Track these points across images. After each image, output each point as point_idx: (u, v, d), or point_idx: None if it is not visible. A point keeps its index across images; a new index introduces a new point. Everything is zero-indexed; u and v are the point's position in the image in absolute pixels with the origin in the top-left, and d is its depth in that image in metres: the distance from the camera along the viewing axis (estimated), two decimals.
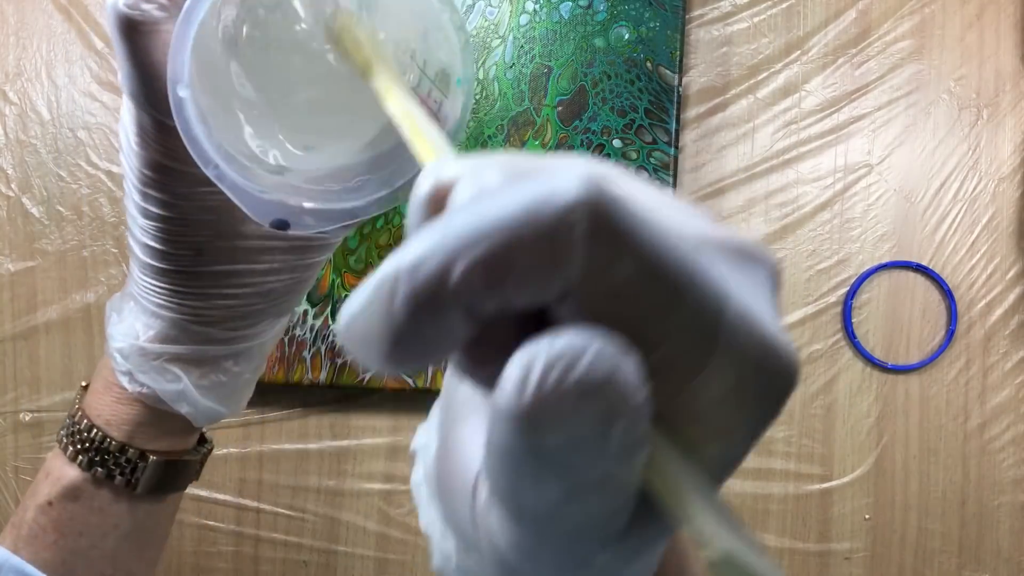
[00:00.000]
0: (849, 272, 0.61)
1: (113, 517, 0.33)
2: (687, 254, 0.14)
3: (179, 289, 0.31)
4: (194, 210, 0.29)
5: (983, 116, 0.61)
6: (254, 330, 0.33)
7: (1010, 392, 0.60)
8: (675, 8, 0.58)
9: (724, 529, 0.14)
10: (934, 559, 0.61)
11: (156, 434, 0.33)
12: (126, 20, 0.26)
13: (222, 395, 0.33)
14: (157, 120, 0.27)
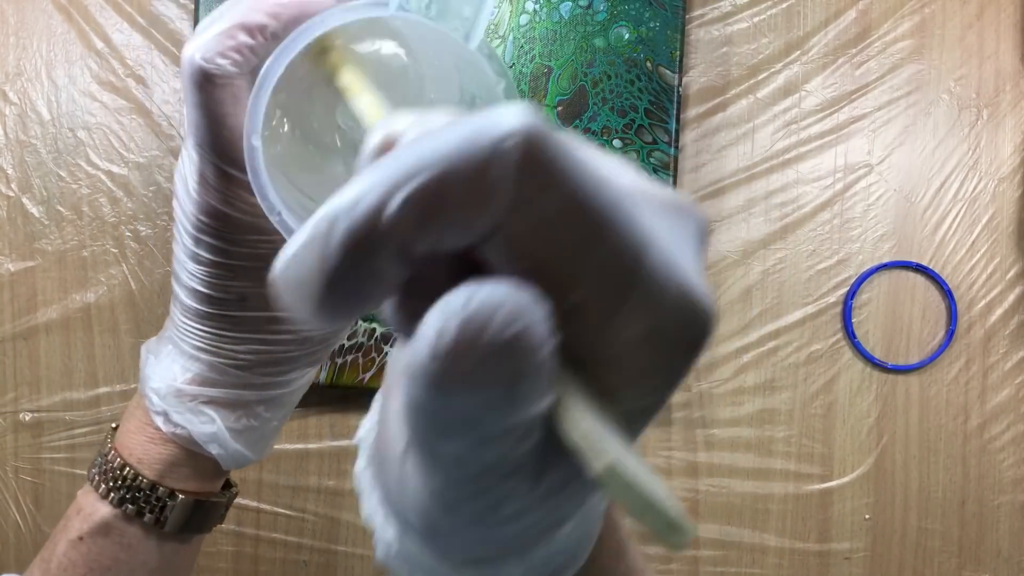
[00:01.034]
0: (849, 272, 0.61)
1: (142, 554, 0.34)
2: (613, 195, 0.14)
3: (221, 333, 0.32)
4: (244, 257, 0.30)
5: (983, 116, 0.61)
6: (287, 377, 0.34)
7: (1010, 392, 0.60)
8: (675, 8, 0.58)
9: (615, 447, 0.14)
10: (934, 559, 0.61)
11: (186, 475, 0.34)
12: (201, 72, 0.27)
13: (252, 440, 0.35)
14: (220, 169, 0.29)
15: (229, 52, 0.27)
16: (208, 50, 0.27)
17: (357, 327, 0.58)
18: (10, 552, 0.61)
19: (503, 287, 0.13)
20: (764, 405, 0.61)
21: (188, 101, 0.28)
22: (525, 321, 0.13)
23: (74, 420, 0.61)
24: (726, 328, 0.61)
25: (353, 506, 0.61)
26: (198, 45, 0.27)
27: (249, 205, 0.29)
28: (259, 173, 0.26)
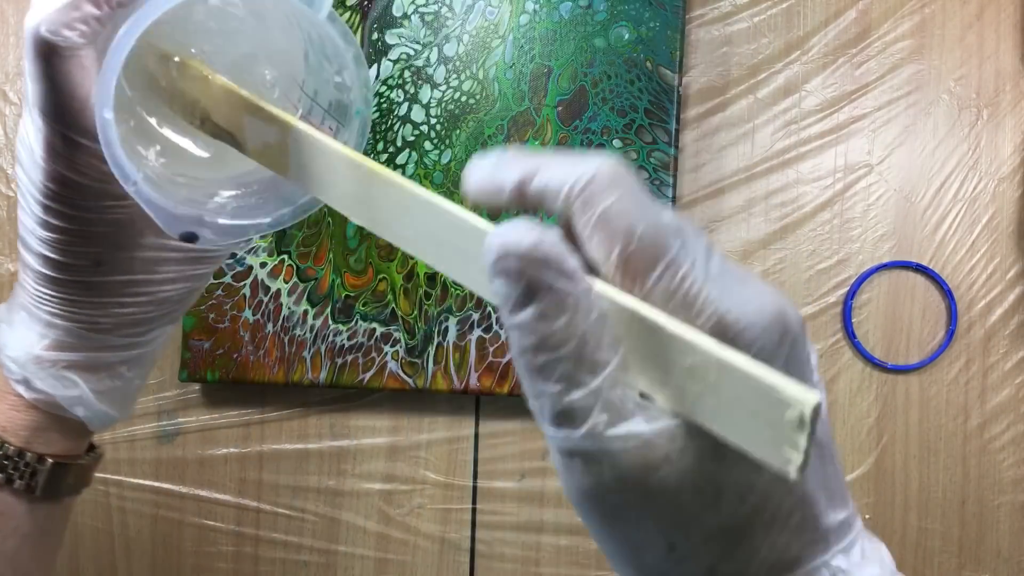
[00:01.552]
0: (849, 272, 0.61)
1: (14, 520, 0.34)
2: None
3: (76, 299, 0.32)
4: (96, 223, 0.30)
5: (983, 116, 0.61)
6: (147, 337, 0.34)
7: (1010, 392, 0.60)
8: (675, 8, 0.58)
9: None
10: (934, 559, 0.61)
11: (53, 439, 0.34)
12: (46, 44, 0.27)
13: (115, 399, 0.35)
14: (68, 138, 0.28)
15: (75, 24, 0.27)
16: (53, 22, 0.27)
17: (357, 326, 0.58)
18: None
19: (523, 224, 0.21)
20: None
21: (32, 72, 0.29)
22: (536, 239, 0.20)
23: None
24: None
25: (353, 506, 0.61)
26: (42, 17, 0.27)
27: (99, 172, 0.29)
28: (112, 145, 0.26)
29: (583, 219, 0.22)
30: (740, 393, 0.19)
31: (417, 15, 0.58)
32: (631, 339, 0.21)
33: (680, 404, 0.21)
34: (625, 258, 0.21)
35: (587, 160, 0.22)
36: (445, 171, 0.58)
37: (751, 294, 0.21)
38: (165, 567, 0.61)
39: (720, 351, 0.20)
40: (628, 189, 0.22)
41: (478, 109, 0.58)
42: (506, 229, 0.21)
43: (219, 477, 0.61)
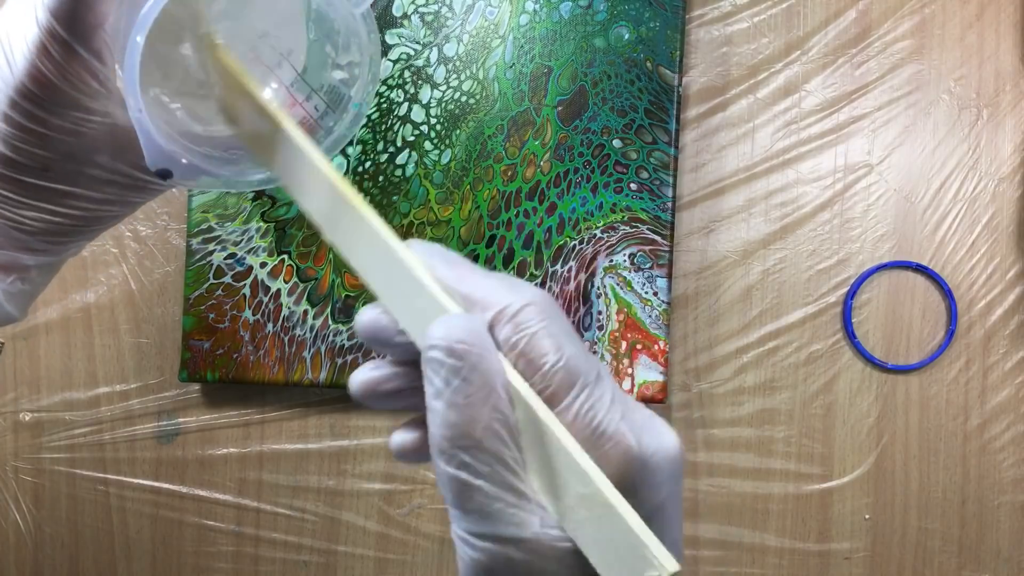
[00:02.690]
0: (849, 272, 0.61)
1: None
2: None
3: (12, 196, 0.32)
4: (60, 130, 0.30)
5: (983, 116, 0.61)
6: (65, 248, 0.35)
7: (1010, 392, 0.60)
8: (675, 8, 0.58)
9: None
10: (934, 559, 0.61)
11: None
12: None
13: (19, 301, 0.35)
14: (69, 45, 0.28)
15: None
16: None
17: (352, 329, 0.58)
18: (10, 552, 0.61)
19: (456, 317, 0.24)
20: (764, 405, 0.61)
21: None
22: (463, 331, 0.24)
23: (74, 420, 0.61)
24: (726, 328, 0.61)
25: (353, 506, 0.61)
26: None
27: (85, 85, 0.29)
28: (133, 69, 0.27)
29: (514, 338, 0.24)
30: (615, 535, 0.22)
31: (417, 15, 0.58)
32: (539, 448, 0.23)
33: (566, 521, 0.23)
34: (548, 377, 0.23)
35: (525, 288, 0.25)
36: (445, 171, 0.58)
37: (660, 431, 0.24)
38: (165, 567, 0.61)
39: (610, 492, 0.22)
40: (559, 319, 0.24)
41: (478, 109, 0.58)
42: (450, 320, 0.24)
43: (219, 477, 0.61)
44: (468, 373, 0.23)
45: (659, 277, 0.58)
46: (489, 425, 0.23)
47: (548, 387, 0.24)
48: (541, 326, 0.24)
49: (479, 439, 0.23)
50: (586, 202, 0.58)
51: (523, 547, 0.23)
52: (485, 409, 0.23)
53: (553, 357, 0.23)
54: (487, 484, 0.23)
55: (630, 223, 0.58)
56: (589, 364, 0.24)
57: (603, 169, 0.58)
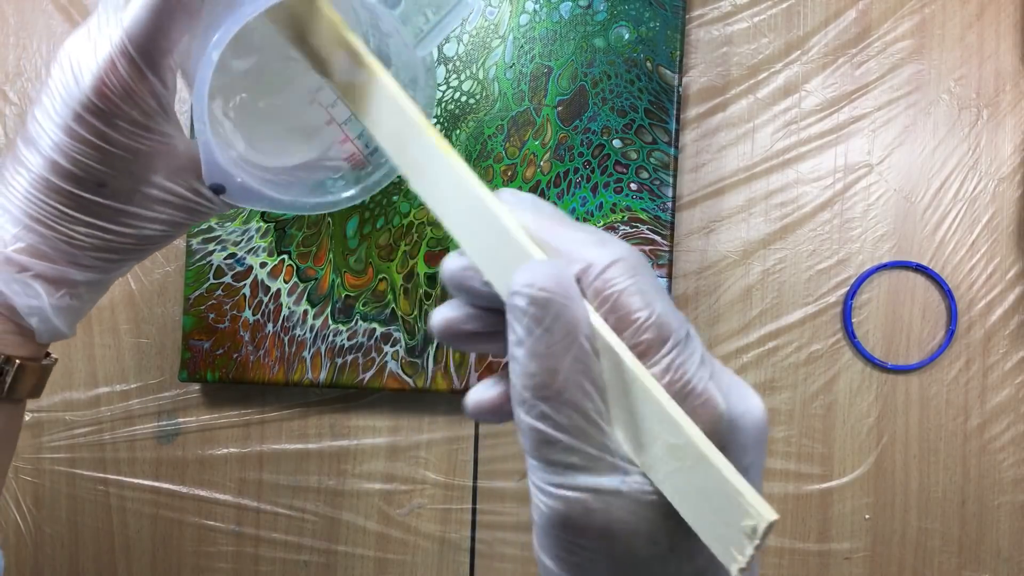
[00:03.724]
0: (849, 272, 0.61)
1: None
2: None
3: (66, 211, 0.33)
4: (120, 146, 0.31)
5: (983, 116, 0.61)
6: (114, 266, 0.36)
7: (1010, 392, 0.60)
8: (675, 8, 0.58)
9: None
10: (934, 559, 0.61)
11: (16, 343, 0.35)
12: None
13: (68, 317, 0.36)
14: (137, 66, 0.30)
15: None
16: None
17: (357, 326, 0.58)
18: (10, 552, 0.61)
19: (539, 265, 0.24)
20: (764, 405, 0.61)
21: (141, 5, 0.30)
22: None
23: (74, 420, 0.61)
24: (726, 328, 0.61)
25: (353, 506, 0.61)
26: None
27: (147, 105, 0.31)
28: (204, 84, 0.28)
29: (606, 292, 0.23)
30: (710, 486, 0.21)
31: None
32: (625, 399, 0.23)
33: (653, 472, 0.23)
34: (639, 332, 0.23)
35: (615, 243, 0.24)
36: None
37: (747, 394, 0.24)
38: (165, 567, 0.61)
39: (704, 443, 0.22)
40: (649, 276, 0.24)
41: (478, 109, 0.58)
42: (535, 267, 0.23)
43: (219, 477, 0.61)
44: (551, 323, 0.22)
45: (659, 277, 0.58)
46: (571, 376, 0.22)
47: (639, 343, 0.23)
48: (631, 282, 0.23)
49: (560, 389, 0.22)
50: (586, 202, 0.58)
51: (602, 497, 0.22)
52: (567, 359, 0.22)
53: (645, 313, 0.23)
54: (567, 436, 0.22)
55: (630, 223, 0.58)
56: (679, 323, 0.23)
57: (603, 169, 0.58)
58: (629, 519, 0.22)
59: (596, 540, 0.23)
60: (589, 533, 0.23)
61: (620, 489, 0.22)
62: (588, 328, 0.23)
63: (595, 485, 0.22)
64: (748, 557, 0.21)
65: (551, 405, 0.22)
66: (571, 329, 0.22)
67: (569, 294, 0.23)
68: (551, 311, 0.22)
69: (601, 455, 0.22)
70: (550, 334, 0.22)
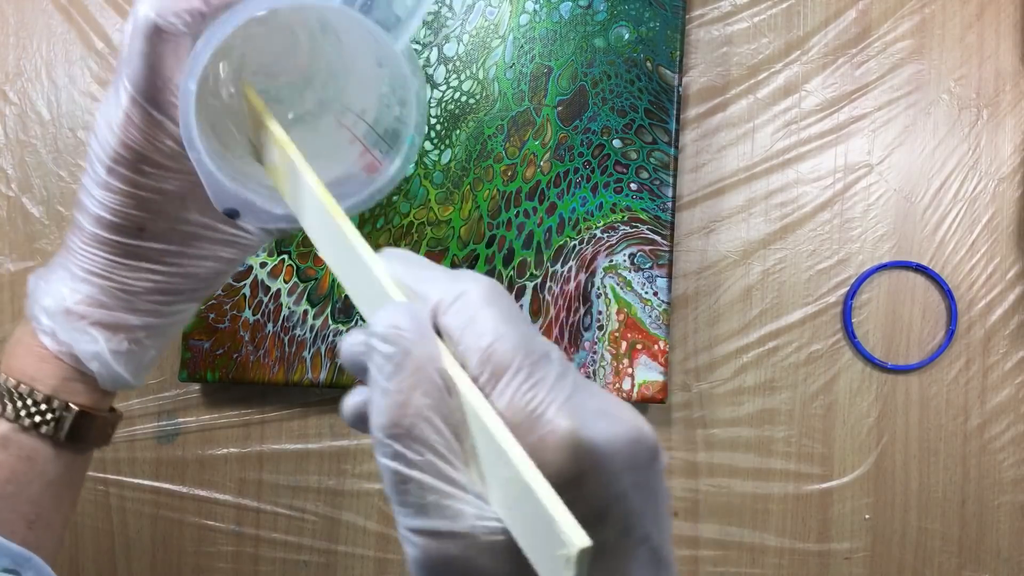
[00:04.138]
0: (849, 272, 0.61)
1: (40, 464, 0.37)
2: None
3: (114, 259, 0.35)
4: (150, 189, 0.34)
5: (983, 116, 0.61)
6: (171, 308, 0.37)
7: (1010, 392, 0.60)
8: (675, 8, 0.58)
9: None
10: (934, 559, 0.61)
11: (78, 389, 0.37)
12: (153, 26, 0.31)
13: (130, 363, 0.38)
14: (147, 111, 0.32)
15: (181, 13, 0.31)
16: (162, 8, 0.31)
17: (357, 326, 0.58)
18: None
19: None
20: (764, 405, 0.61)
21: (133, 49, 0.32)
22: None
23: None
24: (726, 328, 0.61)
25: (353, 506, 0.61)
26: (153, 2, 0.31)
27: (166, 147, 0.33)
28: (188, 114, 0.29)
29: (452, 325, 0.23)
30: (534, 516, 0.20)
31: None
32: (473, 435, 0.22)
33: (500, 511, 0.22)
34: (481, 364, 0.23)
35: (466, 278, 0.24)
36: (445, 171, 0.59)
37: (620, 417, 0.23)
38: (165, 567, 0.61)
39: (527, 471, 0.20)
40: (497, 306, 0.23)
41: (478, 109, 0.58)
42: (386, 308, 0.23)
43: (219, 477, 0.61)
44: (402, 359, 0.22)
45: (659, 277, 0.58)
46: (420, 412, 0.22)
47: (483, 372, 0.23)
48: (477, 311, 0.23)
49: (409, 426, 0.22)
50: (586, 202, 0.58)
51: (459, 541, 0.22)
52: (416, 395, 0.22)
53: (487, 340, 0.23)
54: (421, 474, 0.22)
55: (630, 223, 0.58)
56: (531, 347, 0.23)
57: (603, 169, 0.58)
58: (488, 565, 0.22)
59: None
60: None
61: (475, 532, 0.22)
62: (439, 364, 0.23)
63: (451, 528, 0.22)
64: None
65: (402, 443, 0.22)
66: (421, 365, 0.22)
67: (420, 331, 0.23)
68: (401, 347, 0.22)
69: (454, 492, 0.22)
70: (401, 371, 0.22)
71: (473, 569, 0.22)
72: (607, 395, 0.24)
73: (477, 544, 0.22)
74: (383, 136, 0.34)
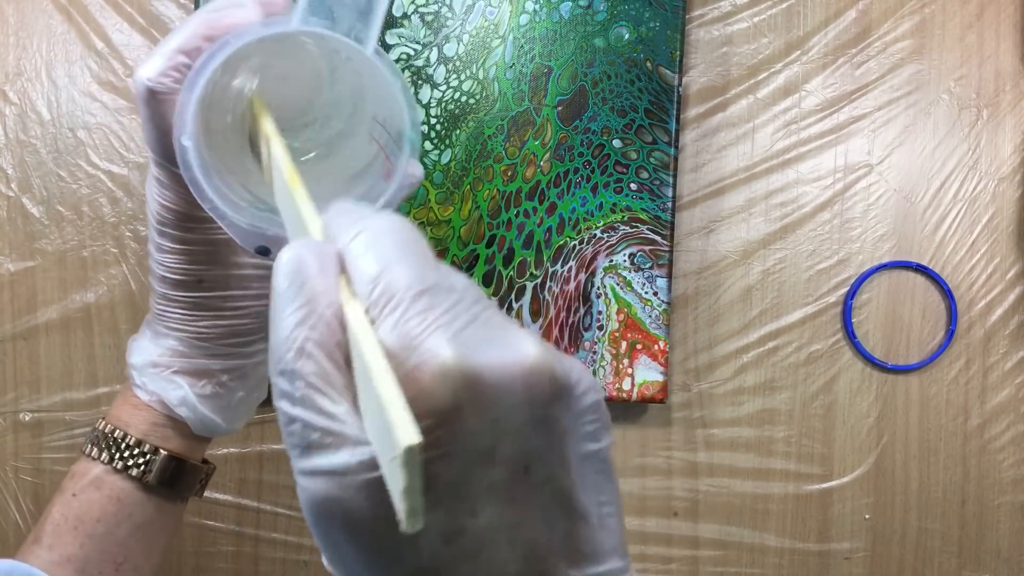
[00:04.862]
0: (849, 272, 0.61)
1: (128, 507, 0.39)
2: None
3: (183, 313, 0.38)
4: (198, 243, 0.36)
5: (983, 116, 0.61)
6: (248, 349, 0.40)
7: (1010, 392, 0.60)
8: (675, 8, 0.58)
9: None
10: (934, 559, 0.61)
11: (168, 435, 0.39)
12: (148, 90, 0.33)
13: (218, 406, 0.40)
14: (169, 170, 0.34)
15: (170, 71, 0.32)
16: (153, 71, 0.33)
17: None
18: (10, 553, 0.61)
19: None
20: (764, 405, 0.61)
21: (141, 116, 0.34)
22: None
23: (74, 420, 0.61)
24: (726, 328, 0.61)
25: None
26: (145, 67, 0.33)
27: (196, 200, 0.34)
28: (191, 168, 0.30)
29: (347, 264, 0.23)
30: (384, 430, 0.18)
31: (417, 15, 0.58)
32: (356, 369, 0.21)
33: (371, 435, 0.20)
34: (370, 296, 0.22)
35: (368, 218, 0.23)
36: (445, 171, 0.59)
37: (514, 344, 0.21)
38: (165, 567, 0.61)
39: (377, 380, 0.18)
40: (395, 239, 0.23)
41: (478, 109, 0.58)
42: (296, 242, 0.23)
43: (219, 477, 0.61)
44: (293, 294, 0.22)
45: (659, 277, 0.58)
46: (305, 346, 0.21)
47: (372, 303, 0.21)
48: (372, 244, 0.22)
49: (292, 360, 0.21)
50: (586, 202, 0.58)
51: (338, 480, 0.20)
52: (302, 330, 0.21)
53: (376, 269, 0.22)
54: (303, 411, 0.21)
55: (630, 223, 0.58)
56: (426, 276, 0.21)
57: (603, 169, 0.58)
58: (365, 504, 0.20)
59: (342, 531, 0.21)
60: (335, 523, 0.21)
61: (352, 465, 0.20)
62: (332, 298, 0.22)
63: (330, 465, 0.20)
64: (402, 499, 0.17)
65: (286, 378, 0.21)
66: (311, 299, 0.22)
67: (319, 267, 0.22)
68: (293, 283, 0.22)
69: (334, 428, 0.20)
70: (291, 305, 0.22)
71: (354, 510, 0.20)
72: (515, 329, 0.21)
73: (355, 483, 0.20)
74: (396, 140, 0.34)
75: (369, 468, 0.20)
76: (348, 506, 0.20)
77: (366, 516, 0.20)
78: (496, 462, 0.21)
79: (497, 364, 0.20)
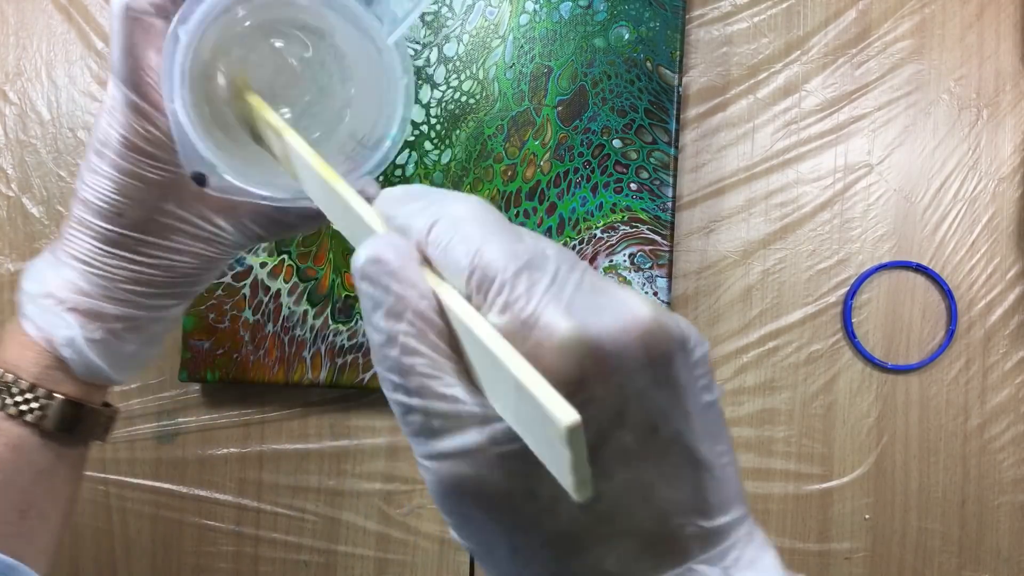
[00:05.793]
0: (849, 272, 0.61)
1: (27, 454, 0.37)
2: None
3: (95, 244, 0.36)
4: (132, 176, 0.34)
5: (983, 116, 0.61)
6: (149, 301, 0.37)
7: (1010, 392, 0.60)
8: (675, 8, 0.58)
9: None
10: (934, 559, 0.61)
11: (61, 379, 0.37)
12: (126, 10, 0.32)
13: (106, 352, 0.37)
14: (128, 98, 0.33)
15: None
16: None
17: (357, 326, 0.58)
18: None
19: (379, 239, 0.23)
20: (764, 405, 0.61)
21: (112, 35, 0.33)
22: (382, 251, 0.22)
23: None
24: (726, 328, 0.61)
25: (353, 506, 0.61)
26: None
27: (149, 133, 0.33)
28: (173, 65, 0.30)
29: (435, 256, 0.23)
30: (529, 410, 0.19)
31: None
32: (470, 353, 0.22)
33: (507, 416, 0.21)
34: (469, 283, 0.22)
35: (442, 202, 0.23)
36: (445, 171, 0.59)
37: (624, 308, 0.21)
38: (165, 567, 0.61)
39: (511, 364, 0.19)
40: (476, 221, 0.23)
41: (478, 109, 0.58)
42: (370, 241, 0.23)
43: (219, 477, 0.61)
44: (381, 294, 0.22)
45: (659, 277, 0.58)
46: (407, 340, 0.21)
47: (472, 290, 0.22)
48: (456, 232, 0.22)
49: (399, 355, 0.22)
50: (586, 202, 0.58)
51: (469, 459, 0.21)
52: (401, 326, 0.22)
53: (466, 260, 0.22)
54: (421, 400, 0.21)
55: (630, 223, 0.58)
56: (518, 252, 0.21)
57: (603, 169, 0.58)
58: (500, 478, 0.21)
59: (476, 508, 0.22)
60: (468, 501, 0.22)
61: (480, 445, 0.21)
62: (422, 290, 0.22)
63: (459, 446, 0.21)
64: (573, 472, 0.18)
65: (397, 373, 0.22)
66: (401, 295, 0.22)
67: (401, 262, 0.22)
68: (379, 282, 0.22)
69: (457, 411, 0.21)
70: (381, 305, 0.22)
71: (487, 484, 0.21)
72: (619, 289, 0.21)
73: (487, 458, 0.21)
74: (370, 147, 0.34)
75: (500, 443, 0.21)
76: (482, 481, 0.21)
77: (501, 489, 0.21)
78: (625, 425, 0.21)
79: (615, 330, 0.20)
